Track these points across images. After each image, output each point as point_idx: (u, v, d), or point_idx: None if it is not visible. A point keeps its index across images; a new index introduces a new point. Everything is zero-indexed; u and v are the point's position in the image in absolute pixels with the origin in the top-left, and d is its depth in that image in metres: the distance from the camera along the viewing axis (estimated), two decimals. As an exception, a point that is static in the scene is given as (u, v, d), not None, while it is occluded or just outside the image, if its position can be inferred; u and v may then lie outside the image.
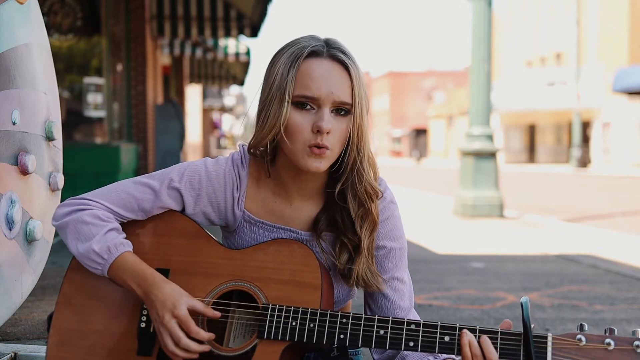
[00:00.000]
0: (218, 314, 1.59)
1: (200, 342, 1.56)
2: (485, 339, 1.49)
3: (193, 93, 23.67)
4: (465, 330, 1.50)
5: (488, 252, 6.28)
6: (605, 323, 3.50)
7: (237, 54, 13.39)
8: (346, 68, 1.58)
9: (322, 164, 1.57)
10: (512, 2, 44.43)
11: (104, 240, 1.62)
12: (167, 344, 1.55)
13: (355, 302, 1.87)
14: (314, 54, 1.57)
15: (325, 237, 1.69)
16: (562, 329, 3.38)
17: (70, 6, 8.01)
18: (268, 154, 1.66)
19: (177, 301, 1.56)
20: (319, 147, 1.55)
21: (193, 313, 1.57)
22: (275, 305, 1.58)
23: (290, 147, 1.57)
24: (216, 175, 1.68)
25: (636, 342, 1.42)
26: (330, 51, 1.58)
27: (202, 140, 27.81)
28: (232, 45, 13.15)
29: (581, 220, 9.24)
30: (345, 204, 1.64)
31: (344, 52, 1.59)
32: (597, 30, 34.28)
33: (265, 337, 1.56)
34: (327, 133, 1.55)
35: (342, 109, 1.57)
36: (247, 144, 1.73)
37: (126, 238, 1.67)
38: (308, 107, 1.56)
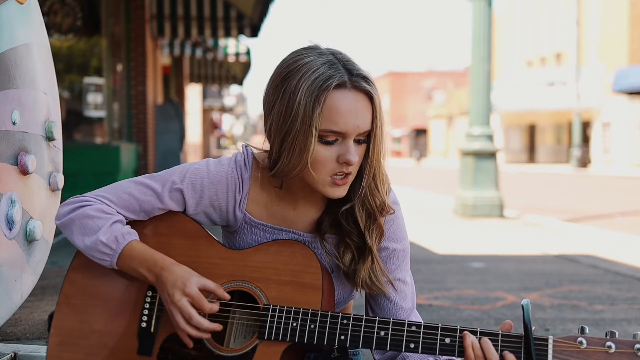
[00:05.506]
0: (227, 295, 1.58)
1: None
2: (486, 340, 1.49)
3: (193, 93, 23.67)
4: (467, 332, 1.50)
5: (488, 252, 6.28)
6: (605, 323, 3.50)
7: (237, 54, 13.39)
8: (370, 97, 1.56)
9: (343, 191, 1.59)
10: (512, 2, 44.43)
11: (110, 231, 1.62)
12: (179, 322, 1.55)
13: (356, 302, 1.87)
14: (338, 85, 1.53)
15: (328, 238, 1.68)
16: (562, 329, 3.38)
17: (70, 6, 8.00)
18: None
19: (187, 280, 1.56)
20: (344, 174, 1.56)
21: (204, 292, 1.58)
22: (276, 306, 1.58)
23: (313, 176, 1.56)
24: (218, 177, 1.67)
25: (637, 345, 1.42)
26: (354, 81, 1.54)
27: (202, 140, 27.80)
28: (232, 45, 13.15)
29: (581, 220, 9.24)
30: (353, 215, 1.64)
31: (366, 80, 1.55)
32: (597, 30, 34.29)
33: (265, 337, 1.56)
34: (353, 165, 1.56)
35: (363, 137, 1.57)
36: (250, 145, 1.72)
37: None
38: (332, 139, 1.54)
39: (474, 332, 1.51)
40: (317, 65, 1.53)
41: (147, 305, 1.66)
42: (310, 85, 1.51)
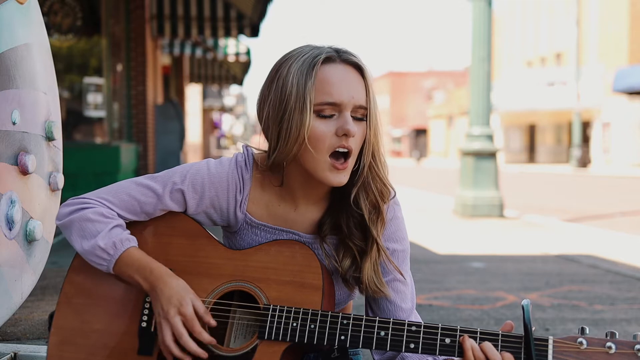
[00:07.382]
0: (214, 322, 1.58)
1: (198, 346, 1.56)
2: (486, 344, 1.49)
3: (193, 93, 23.66)
4: (465, 336, 1.50)
5: (488, 252, 6.28)
6: (605, 323, 3.50)
7: (237, 54, 13.40)
8: (360, 70, 1.59)
9: (344, 177, 1.59)
10: (512, 2, 44.42)
11: (109, 237, 1.62)
12: (166, 339, 1.55)
13: (356, 302, 1.87)
14: (327, 59, 1.57)
15: (328, 240, 1.68)
16: (562, 329, 3.38)
17: (70, 6, 8.00)
18: (284, 167, 1.63)
19: (183, 298, 1.56)
20: (344, 158, 1.56)
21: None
22: (276, 306, 1.58)
23: (313, 157, 1.56)
24: (219, 178, 1.67)
25: (637, 346, 1.42)
26: (342, 55, 1.59)
27: (202, 140, 27.79)
28: (232, 45, 13.16)
29: (581, 220, 9.23)
30: (358, 207, 1.63)
31: (354, 55, 1.60)
32: (597, 30, 34.29)
33: (265, 337, 1.56)
34: (352, 136, 1.56)
35: (359, 114, 1.58)
36: (250, 146, 1.72)
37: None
38: (329, 114, 1.55)
39: (473, 333, 1.51)
40: (306, 50, 1.59)
41: (147, 305, 1.66)
42: (300, 66, 1.56)
